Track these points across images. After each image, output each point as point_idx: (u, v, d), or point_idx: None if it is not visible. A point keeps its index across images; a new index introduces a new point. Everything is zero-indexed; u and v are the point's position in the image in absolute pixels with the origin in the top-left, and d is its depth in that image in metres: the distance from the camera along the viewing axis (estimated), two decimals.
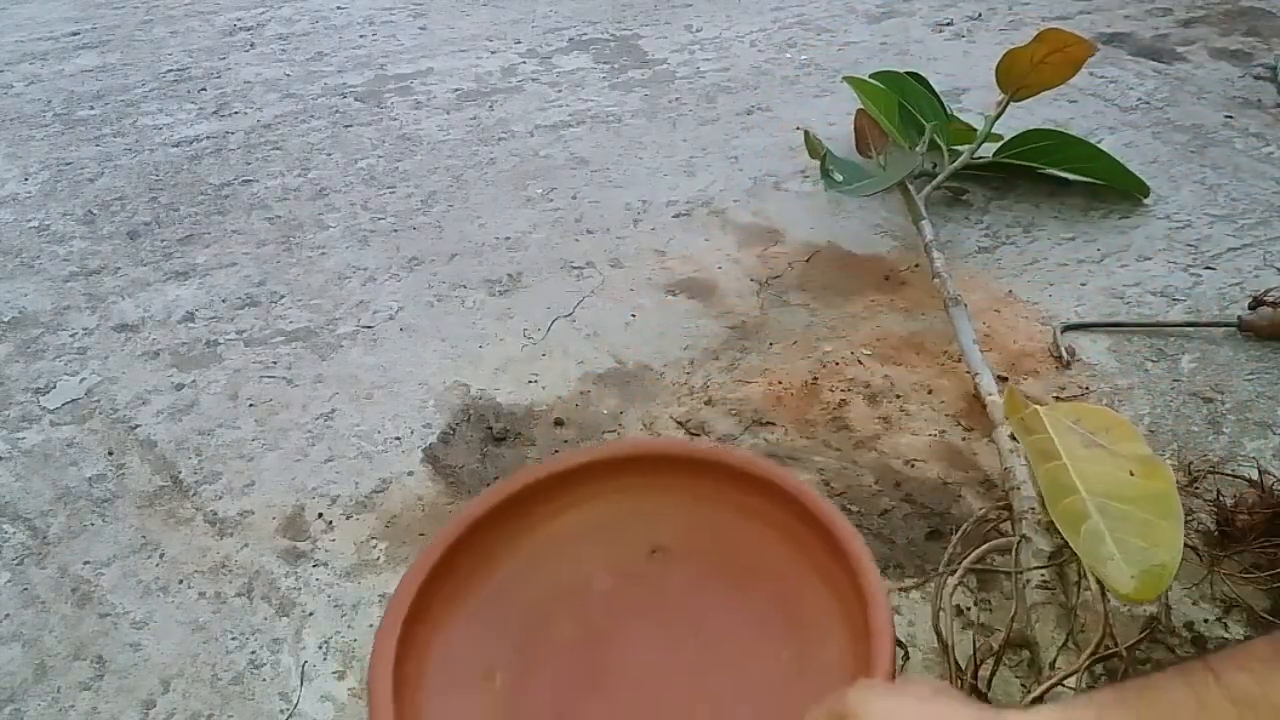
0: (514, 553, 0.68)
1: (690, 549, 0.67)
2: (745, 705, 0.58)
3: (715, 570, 0.66)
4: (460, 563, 0.65)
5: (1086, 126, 1.36)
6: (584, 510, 0.69)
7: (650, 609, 0.66)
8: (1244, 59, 1.56)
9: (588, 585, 0.67)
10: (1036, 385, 0.93)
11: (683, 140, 1.39)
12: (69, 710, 0.69)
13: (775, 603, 0.63)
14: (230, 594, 0.77)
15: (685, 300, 1.07)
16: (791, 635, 0.61)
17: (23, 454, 0.91)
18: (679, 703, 0.61)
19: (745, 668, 0.61)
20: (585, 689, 0.63)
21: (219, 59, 1.69)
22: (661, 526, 0.68)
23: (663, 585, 0.66)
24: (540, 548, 0.68)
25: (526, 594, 0.67)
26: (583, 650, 0.65)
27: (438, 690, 0.61)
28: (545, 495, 0.69)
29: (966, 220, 1.19)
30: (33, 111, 1.53)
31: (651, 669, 0.63)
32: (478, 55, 1.67)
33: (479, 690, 0.62)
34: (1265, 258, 1.10)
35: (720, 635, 0.63)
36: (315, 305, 1.09)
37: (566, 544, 0.68)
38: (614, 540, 0.68)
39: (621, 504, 0.69)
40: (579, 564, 0.68)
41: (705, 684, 0.62)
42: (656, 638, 0.65)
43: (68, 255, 1.19)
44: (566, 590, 0.67)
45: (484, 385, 0.96)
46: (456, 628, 0.64)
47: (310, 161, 1.37)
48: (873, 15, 1.77)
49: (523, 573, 0.67)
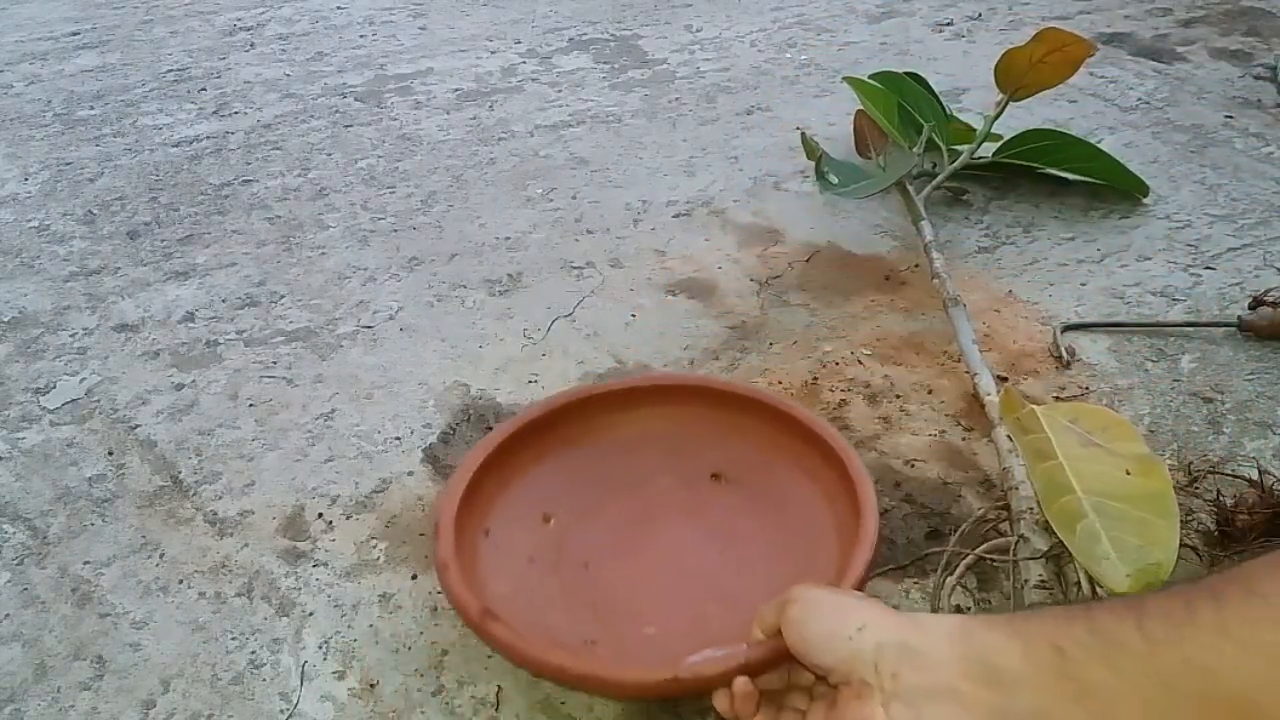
0: (589, 439, 0.80)
1: (739, 478, 0.78)
2: (743, 621, 0.66)
3: (757, 499, 0.77)
4: (535, 438, 0.78)
5: (1086, 126, 1.36)
6: (652, 424, 0.81)
7: (696, 516, 0.77)
8: (1244, 59, 1.56)
9: (649, 482, 0.79)
10: (1036, 385, 0.93)
11: (683, 140, 1.39)
12: (69, 710, 0.69)
13: (799, 535, 0.73)
14: (230, 594, 0.77)
15: (685, 300, 1.07)
16: (803, 565, 0.71)
17: (23, 454, 0.91)
18: (695, 595, 0.71)
19: (760, 586, 0.68)
20: (619, 552, 0.74)
21: (219, 59, 1.69)
22: (716, 453, 0.79)
23: (713, 502, 0.78)
24: (612, 442, 0.81)
25: (595, 471, 0.79)
26: (628, 525, 0.76)
27: (501, 523, 0.75)
28: (619, 403, 0.82)
29: (966, 220, 1.19)
30: (33, 111, 1.53)
31: (680, 560, 0.74)
32: (478, 55, 1.67)
33: (535, 528, 0.76)
34: (1265, 258, 1.10)
35: (747, 555, 0.73)
36: (315, 305, 1.09)
37: (638, 446, 0.80)
38: (677, 456, 0.80)
39: (682, 426, 0.81)
40: (645, 464, 0.80)
41: (723, 589, 0.71)
42: (693, 539, 0.75)
43: (68, 255, 1.19)
44: (631, 479, 0.79)
45: (484, 385, 0.96)
46: (527, 481, 0.77)
47: (310, 161, 1.37)
48: (873, 15, 1.77)
49: (594, 456, 0.80)
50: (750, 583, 0.71)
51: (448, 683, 0.70)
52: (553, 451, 0.79)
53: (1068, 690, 0.43)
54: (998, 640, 0.46)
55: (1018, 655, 0.45)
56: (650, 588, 0.72)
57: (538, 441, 0.79)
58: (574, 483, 0.78)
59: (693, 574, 0.73)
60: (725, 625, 0.65)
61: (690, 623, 0.69)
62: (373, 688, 0.70)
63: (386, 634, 0.73)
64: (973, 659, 0.46)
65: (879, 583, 0.74)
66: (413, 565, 0.79)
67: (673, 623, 0.69)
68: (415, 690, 0.69)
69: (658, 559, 0.74)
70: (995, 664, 0.45)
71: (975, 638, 0.47)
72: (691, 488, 0.79)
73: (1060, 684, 0.43)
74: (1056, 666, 0.44)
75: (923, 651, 0.48)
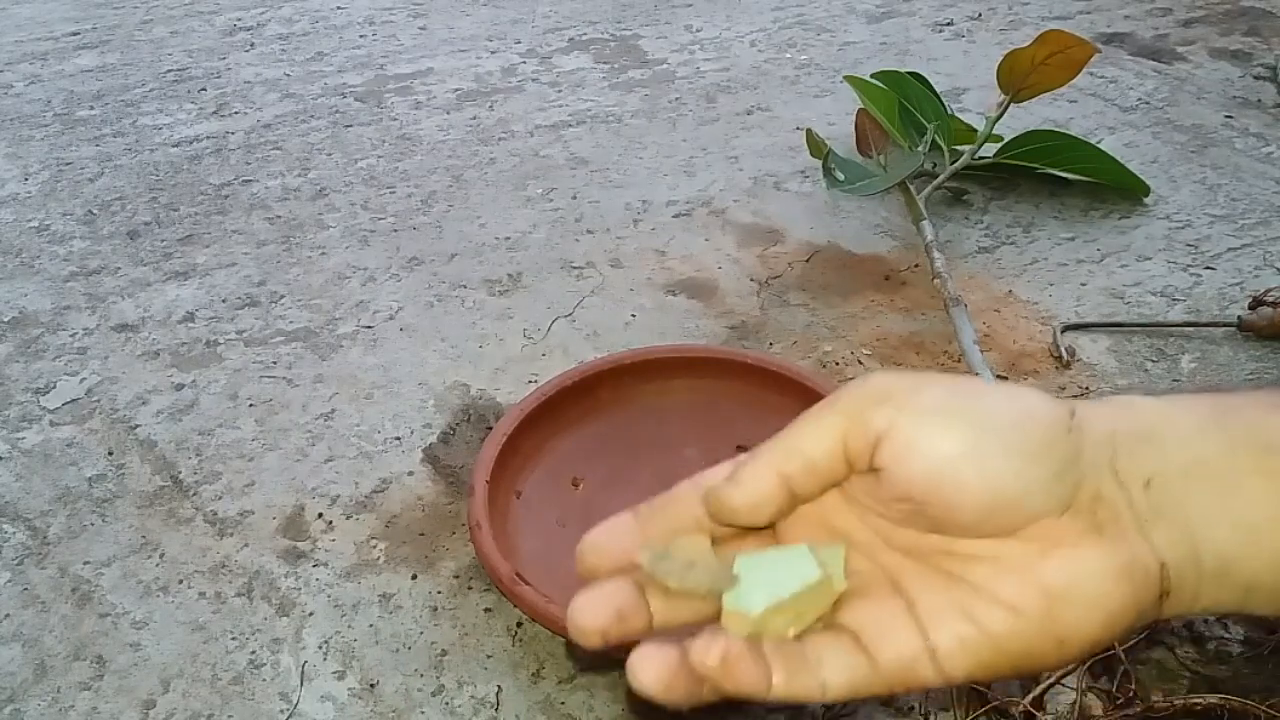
0: (620, 406, 0.82)
1: None
2: None
3: None
4: (569, 403, 0.81)
5: (1086, 126, 1.36)
6: (682, 394, 0.83)
7: None
8: (1244, 59, 1.56)
9: (676, 451, 0.81)
10: (1037, 385, 0.93)
11: (683, 140, 1.39)
12: (69, 710, 0.69)
13: None
14: (230, 594, 0.77)
15: (685, 300, 1.07)
16: None
17: (23, 454, 0.91)
18: None
19: None
20: None
21: (219, 59, 1.69)
22: (743, 425, 0.80)
23: None
24: (642, 410, 0.83)
25: (624, 438, 0.81)
26: (655, 490, 0.79)
27: (534, 481, 0.78)
28: (651, 373, 0.84)
29: (966, 220, 1.19)
30: (33, 111, 1.53)
31: None
32: (478, 55, 1.67)
33: (565, 491, 0.79)
34: (1265, 258, 1.10)
35: None
36: (315, 305, 1.09)
37: (667, 415, 0.82)
38: (704, 426, 0.81)
39: (712, 397, 0.83)
40: (673, 433, 0.81)
41: None
42: None
43: (68, 255, 1.19)
44: (658, 447, 0.81)
45: (484, 385, 0.96)
46: (558, 445, 0.80)
47: (310, 161, 1.37)
48: (873, 15, 1.76)
49: (623, 424, 0.82)
50: None
51: (448, 683, 0.70)
52: (584, 417, 0.82)
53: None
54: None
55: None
56: None
57: (571, 406, 0.81)
58: (603, 449, 0.81)
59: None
60: None
61: None
62: (373, 688, 0.70)
63: (386, 634, 0.73)
64: (1259, 444, 0.30)
65: None
66: (413, 565, 0.79)
67: None
68: (415, 690, 0.69)
69: None
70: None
71: (1245, 415, 0.31)
72: (717, 458, 0.79)
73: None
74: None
75: (1177, 439, 0.31)
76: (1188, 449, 0.30)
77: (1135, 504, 0.30)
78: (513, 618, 0.74)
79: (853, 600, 0.32)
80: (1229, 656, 0.69)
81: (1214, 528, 0.30)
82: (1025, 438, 0.30)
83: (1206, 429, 0.31)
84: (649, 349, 0.88)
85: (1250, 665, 0.69)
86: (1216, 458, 0.30)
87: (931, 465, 0.30)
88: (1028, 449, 0.29)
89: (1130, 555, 0.29)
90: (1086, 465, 0.30)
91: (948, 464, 0.29)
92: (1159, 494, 0.30)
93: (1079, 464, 0.30)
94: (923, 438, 0.30)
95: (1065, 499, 0.30)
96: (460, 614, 0.75)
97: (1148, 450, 0.30)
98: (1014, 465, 0.29)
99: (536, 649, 0.72)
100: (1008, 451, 0.29)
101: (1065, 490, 0.29)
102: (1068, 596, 0.29)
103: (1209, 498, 0.30)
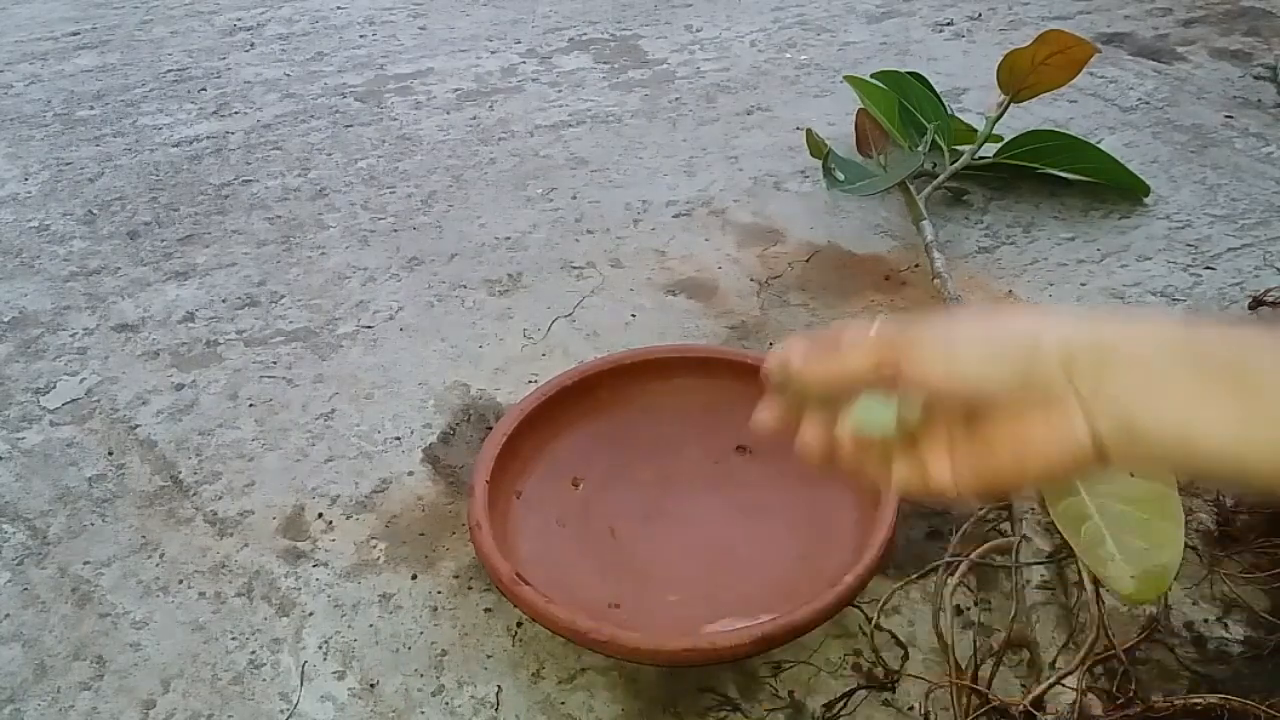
0: (620, 406, 0.82)
1: (765, 451, 0.79)
2: (759, 592, 0.67)
3: (781, 473, 0.77)
4: (569, 403, 0.81)
5: (1086, 126, 1.36)
6: (682, 394, 0.83)
7: (721, 487, 0.79)
8: (1244, 59, 1.56)
9: (677, 451, 0.81)
10: None
11: (683, 140, 1.39)
12: (69, 710, 0.69)
13: (820, 510, 0.75)
14: (230, 594, 0.77)
15: (685, 300, 1.07)
16: (824, 540, 0.73)
17: (23, 454, 0.91)
18: (716, 564, 0.73)
19: (780, 558, 0.72)
20: (644, 519, 0.77)
21: (219, 59, 1.69)
22: (744, 426, 0.81)
23: (737, 474, 0.80)
24: (642, 410, 0.82)
25: (624, 438, 0.81)
26: (654, 490, 0.78)
27: (533, 481, 0.78)
28: (651, 373, 0.84)
29: (966, 220, 1.19)
30: (33, 111, 1.53)
31: (703, 529, 0.76)
32: (478, 55, 1.67)
33: (565, 491, 0.78)
34: (1265, 258, 1.10)
35: (769, 527, 0.75)
36: (315, 305, 1.09)
37: (667, 415, 0.82)
38: (704, 427, 0.81)
39: (712, 397, 0.82)
40: (674, 433, 0.81)
41: (745, 559, 0.73)
42: (717, 510, 0.77)
43: (68, 255, 1.19)
44: (659, 447, 0.81)
45: (484, 385, 0.96)
46: (558, 445, 0.80)
47: (310, 161, 1.37)
48: (873, 15, 1.76)
49: (623, 424, 0.82)
50: (771, 555, 0.72)
51: (448, 683, 0.70)
52: (584, 417, 0.82)
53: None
54: (1245, 337, 0.35)
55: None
56: (673, 555, 0.74)
57: (571, 406, 0.81)
58: (603, 448, 0.81)
59: (715, 543, 0.74)
60: (745, 595, 0.67)
61: (711, 591, 0.70)
62: (373, 688, 0.70)
63: (386, 634, 0.73)
64: (1210, 364, 0.35)
65: (879, 582, 0.74)
66: (413, 565, 0.79)
67: (694, 590, 0.71)
68: (415, 690, 0.69)
69: (682, 527, 0.76)
70: (1247, 367, 0.34)
71: (1203, 335, 0.36)
72: (717, 459, 0.80)
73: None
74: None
75: (1132, 355, 0.36)
76: (1138, 362, 0.37)
77: (1084, 398, 0.37)
78: (513, 618, 0.74)
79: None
80: (1229, 656, 0.69)
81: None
82: (1000, 342, 0.40)
83: (1162, 344, 0.37)
84: (649, 349, 0.88)
85: (1250, 665, 0.69)
86: (1164, 375, 0.36)
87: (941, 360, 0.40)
88: (994, 358, 0.39)
89: (1069, 423, 0.37)
90: (1041, 368, 0.38)
91: (950, 359, 0.40)
92: (1103, 397, 0.37)
93: (1034, 367, 0.38)
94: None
95: (1024, 393, 0.38)
96: (460, 614, 0.75)
97: (1099, 359, 0.37)
98: (987, 363, 0.39)
99: (536, 649, 0.72)
100: (984, 354, 0.40)
101: (1023, 384, 0.38)
102: None
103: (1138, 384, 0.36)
